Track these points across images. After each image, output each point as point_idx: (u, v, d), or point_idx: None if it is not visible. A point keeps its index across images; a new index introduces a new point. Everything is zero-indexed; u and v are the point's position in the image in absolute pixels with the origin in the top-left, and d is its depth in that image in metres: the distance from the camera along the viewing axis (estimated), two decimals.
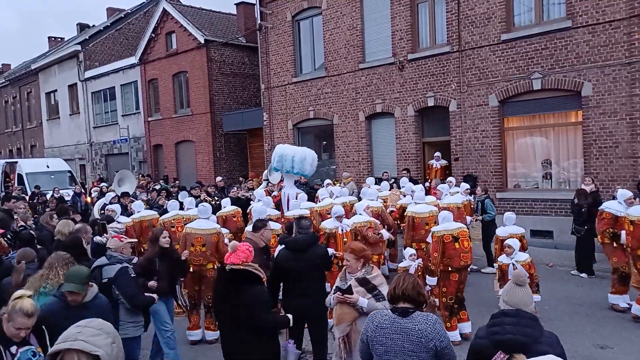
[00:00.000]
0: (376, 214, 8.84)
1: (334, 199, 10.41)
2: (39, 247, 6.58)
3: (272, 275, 5.53)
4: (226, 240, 8.31)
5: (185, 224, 8.68)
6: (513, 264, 7.01)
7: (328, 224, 7.81)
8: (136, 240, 7.25)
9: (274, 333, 4.53)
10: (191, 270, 7.12)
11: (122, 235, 5.64)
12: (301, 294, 5.19)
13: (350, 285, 4.44)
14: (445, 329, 3.66)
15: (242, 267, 4.33)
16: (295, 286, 5.29)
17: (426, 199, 9.43)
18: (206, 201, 11.00)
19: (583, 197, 10.11)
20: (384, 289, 4.33)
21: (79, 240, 6.07)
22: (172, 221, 9.00)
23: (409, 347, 3.34)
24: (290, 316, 4.61)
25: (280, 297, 5.58)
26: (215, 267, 7.36)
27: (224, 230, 8.56)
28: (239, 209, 10.35)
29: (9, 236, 7.42)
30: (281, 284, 5.49)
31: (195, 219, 8.10)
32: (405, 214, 9.05)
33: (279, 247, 6.31)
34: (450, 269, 6.96)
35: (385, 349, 3.41)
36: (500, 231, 8.15)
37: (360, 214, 8.26)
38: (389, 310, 3.53)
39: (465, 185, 10.80)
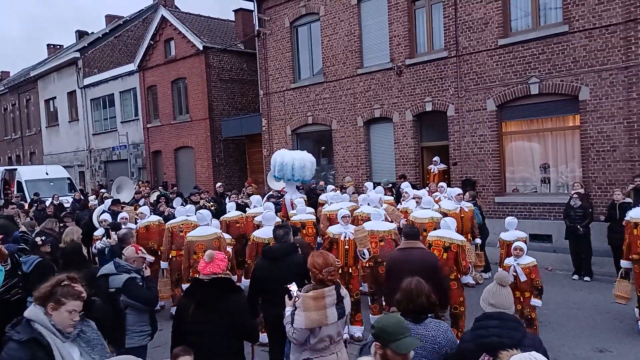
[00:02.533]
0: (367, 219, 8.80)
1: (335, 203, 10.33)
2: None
3: (250, 285, 5.52)
4: (228, 249, 8.33)
5: (194, 229, 8.71)
6: (514, 267, 6.96)
7: (334, 229, 7.61)
8: (152, 258, 7.03)
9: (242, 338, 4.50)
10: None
11: (140, 247, 5.57)
12: (278, 303, 4.93)
13: (296, 288, 4.27)
14: None
15: (223, 276, 4.32)
16: (272, 296, 5.13)
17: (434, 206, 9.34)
18: (205, 207, 11.02)
19: (586, 200, 10.24)
20: (297, 320, 4.03)
21: (79, 247, 6.08)
22: (181, 226, 9.00)
23: (421, 353, 3.36)
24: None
25: None
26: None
27: (226, 236, 8.56)
28: (243, 215, 10.38)
29: (25, 239, 7.49)
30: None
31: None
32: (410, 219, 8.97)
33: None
34: None
35: None
36: (505, 235, 8.09)
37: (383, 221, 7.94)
38: (400, 315, 3.53)
39: (456, 191, 10.15)
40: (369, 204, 9.11)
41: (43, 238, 6.79)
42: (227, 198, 12.65)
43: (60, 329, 3.04)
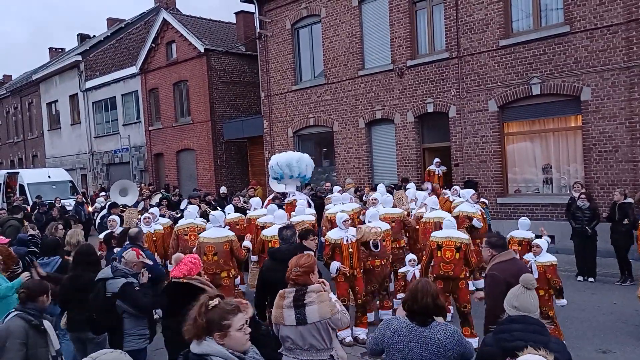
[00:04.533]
0: (399, 221, 8.77)
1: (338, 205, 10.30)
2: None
3: (257, 286, 5.53)
4: (247, 242, 8.32)
5: (198, 233, 8.69)
6: (531, 264, 6.93)
7: (333, 234, 7.44)
8: (151, 263, 6.88)
9: None
10: (206, 279, 7.11)
11: (141, 253, 5.51)
12: None
13: None
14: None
15: (184, 281, 4.20)
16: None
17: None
18: (207, 211, 11.03)
19: (591, 200, 10.22)
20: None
21: (93, 249, 6.08)
22: (186, 229, 8.97)
23: (426, 356, 3.36)
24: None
25: None
26: (231, 276, 7.37)
27: None
28: (243, 217, 10.37)
29: (35, 242, 7.53)
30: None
31: (209, 228, 8.14)
32: (423, 220, 8.89)
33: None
34: (434, 276, 6.97)
35: (402, 356, 3.42)
36: (515, 233, 8.24)
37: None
38: (406, 318, 3.51)
39: (470, 192, 9.86)
40: (384, 206, 9.15)
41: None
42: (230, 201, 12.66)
43: (237, 353, 2.77)
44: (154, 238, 9.26)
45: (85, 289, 5.38)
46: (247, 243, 8.34)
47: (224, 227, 7.96)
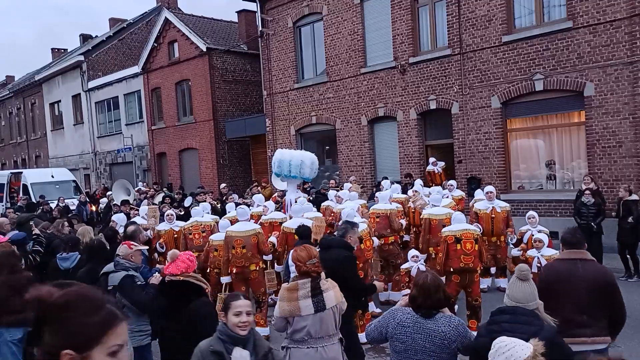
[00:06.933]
0: (385, 217, 8.72)
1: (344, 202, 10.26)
2: None
3: None
4: (273, 239, 8.37)
5: (202, 232, 8.78)
6: (538, 258, 6.96)
7: None
8: (147, 247, 6.80)
9: None
10: (235, 272, 7.39)
11: (132, 242, 5.50)
12: None
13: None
14: None
15: (181, 279, 4.13)
16: None
17: (443, 202, 9.18)
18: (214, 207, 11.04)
19: (598, 196, 10.17)
20: (275, 308, 4.17)
21: (104, 244, 6.08)
22: (190, 228, 8.98)
23: (430, 348, 3.38)
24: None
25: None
26: (259, 268, 7.56)
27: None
28: None
29: (40, 241, 7.60)
30: None
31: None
32: (421, 217, 8.88)
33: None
34: (451, 269, 6.94)
35: (405, 347, 3.44)
36: (522, 228, 8.31)
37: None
38: (411, 309, 3.52)
39: (488, 188, 9.55)
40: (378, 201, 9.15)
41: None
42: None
43: None
44: (175, 236, 9.20)
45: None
46: (272, 239, 8.39)
47: (249, 221, 8.08)
